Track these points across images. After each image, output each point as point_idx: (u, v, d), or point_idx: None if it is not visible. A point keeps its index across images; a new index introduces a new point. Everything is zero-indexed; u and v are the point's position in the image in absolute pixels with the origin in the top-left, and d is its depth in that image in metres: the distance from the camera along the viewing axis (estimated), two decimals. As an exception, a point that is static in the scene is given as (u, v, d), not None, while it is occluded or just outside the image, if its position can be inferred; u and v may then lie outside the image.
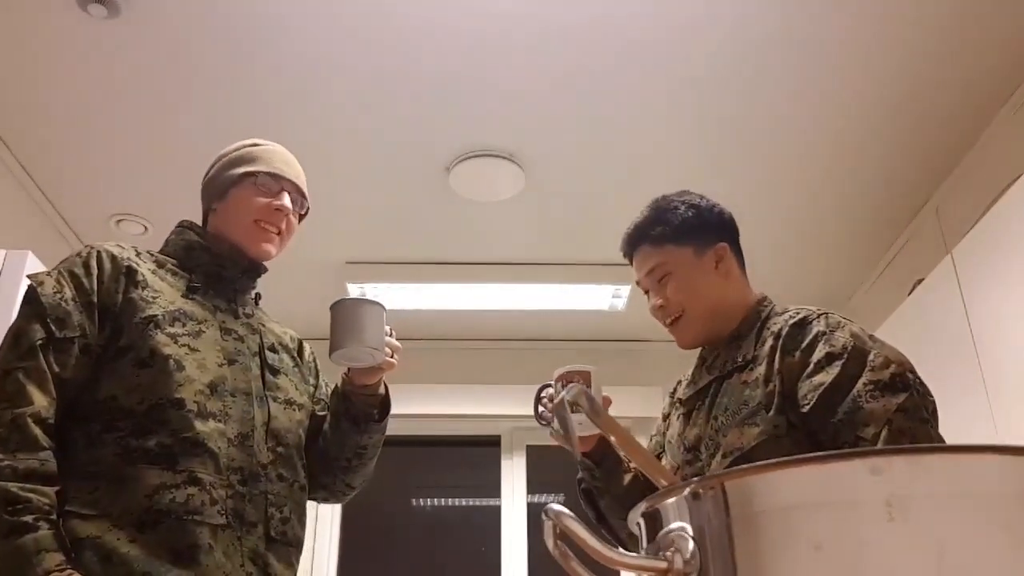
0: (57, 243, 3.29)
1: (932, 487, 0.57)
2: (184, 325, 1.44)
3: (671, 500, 0.64)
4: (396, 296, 3.83)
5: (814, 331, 1.37)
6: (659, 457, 1.60)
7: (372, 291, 3.75)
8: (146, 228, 3.34)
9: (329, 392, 1.67)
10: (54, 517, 1.24)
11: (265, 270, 1.64)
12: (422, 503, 4.39)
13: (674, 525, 0.63)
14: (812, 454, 0.63)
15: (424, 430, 4.12)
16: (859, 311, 3.83)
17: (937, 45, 2.53)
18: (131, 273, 1.45)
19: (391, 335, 1.54)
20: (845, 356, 1.31)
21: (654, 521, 0.66)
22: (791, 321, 1.42)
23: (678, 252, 1.57)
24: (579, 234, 3.37)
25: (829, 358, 1.32)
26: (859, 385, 1.28)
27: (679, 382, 1.68)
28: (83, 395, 1.36)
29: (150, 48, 2.53)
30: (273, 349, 1.57)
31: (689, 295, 1.54)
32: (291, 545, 1.46)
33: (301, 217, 1.67)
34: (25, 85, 2.66)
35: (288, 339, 1.66)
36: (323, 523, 3.90)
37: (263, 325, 1.60)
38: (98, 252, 1.46)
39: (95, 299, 1.40)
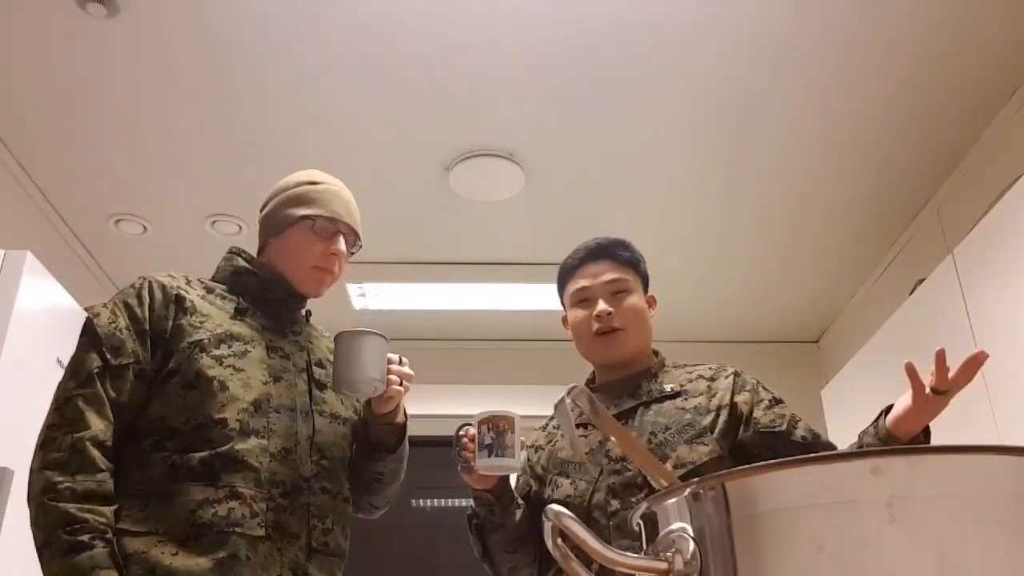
0: (56, 243, 3.29)
1: (933, 487, 0.57)
2: (230, 347, 1.50)
3: (672, 501, 0.64)
4: (396, 296, 3.83)
5: (750, 380, 1.67)
6: (528, 491, 1.70)
7: (372, 291, 3.75)
8: (145, 228, 3.34)
9: None
10: (109, 535, 1.31)
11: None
12: (422, 503, 4.39)
13: (675, 526, 0.63)
14: (813, 455, 0.62)
15: (424, 430, 4.10)
16: (860, 310, 3.83)
17: (939, 45, 2.53)
18: (180, 301, 1.52)
19: (400, 363, 1.57)
20: (781, 399, 1.65)
21: (654, 522, 0.66)
22: (725, 371, 1.68)
23: (635, 280, 1.75)
24: (579, 234, 3.35)
25: (774, 401, 1.63)
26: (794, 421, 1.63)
27: (532, 447, 1.80)
28: (137, 417, 1.44)
29: (149, 47, 2.53)
30: (321, 364, 1.61)
31: (635, 318, 1.70)
32: (334, 555, 1.50)
33: (352, 254, 1.73)
34: (24, 84, 2.66)
35: None
36: (323, 523, 3.89)
37: (311, 342, 1.65)
38: (150, 283, 1.53)
39: (147, 327, 1.48)
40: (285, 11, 2.42)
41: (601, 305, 1.69)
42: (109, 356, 1.43)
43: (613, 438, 0.91)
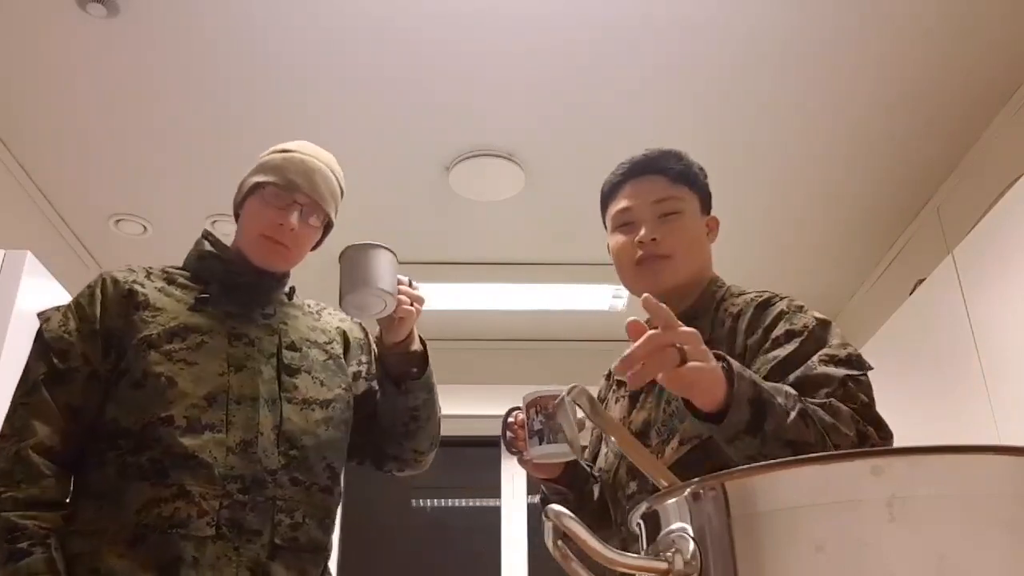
0: (56, 243, 3.29)
1: (933, 487, 0.57)
2: (184, 339, 1.45)
3: (672, 501, 0.64)
4: (396, 296, 3.82)
5: (776, 310, 1.31)
6: (597, 449, 1.53)
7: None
8: (145, 228, 3.34)
9: None
10: (50, 541, 1.30)
11: (286, 272, 1.62)
12: (422, 503, 4.39)
13: (675, 526, 0.63)
14: (813, 455, 0.63)
15: (424, 430, 4.12)
16: (860, 311, 3.83)
17: (939, 46, 2.53)
18: (132, 295, 1.48)
19: (411, 285, 1.50)
20: (804, 334, 1.25)
21: (655, 522, 0.66)
22: (754, 303, 1.34)
23: (691, 198, 1.46)
24: (579, 234, 3.37)
25: (788, 335, 1.25)
26: (813, 358, 1.21)
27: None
28: (97, 419, 1.42)
29: (150, 47, 2.53)
30: (293, 347, 1.54)
31: (686, 244, 1.42)
32: (305, 551, 1.43)
33: (327, 229, 1.64)
34: (24, 85, 2.66)
35: (323, 332, 1.62)
36: (323, 523, 3.89)
37: (286, 323, 1.57)
38: (103, 279, 1.51)
39: (98, 327, 1.45)
40: (284, 12, 2.42)
41: (643, 230, 1.42)
42: (57, 361, 1.41)
43: (613, 438, 0.90)
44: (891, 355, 2.85)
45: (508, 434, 1.43)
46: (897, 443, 1.20)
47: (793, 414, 1.07)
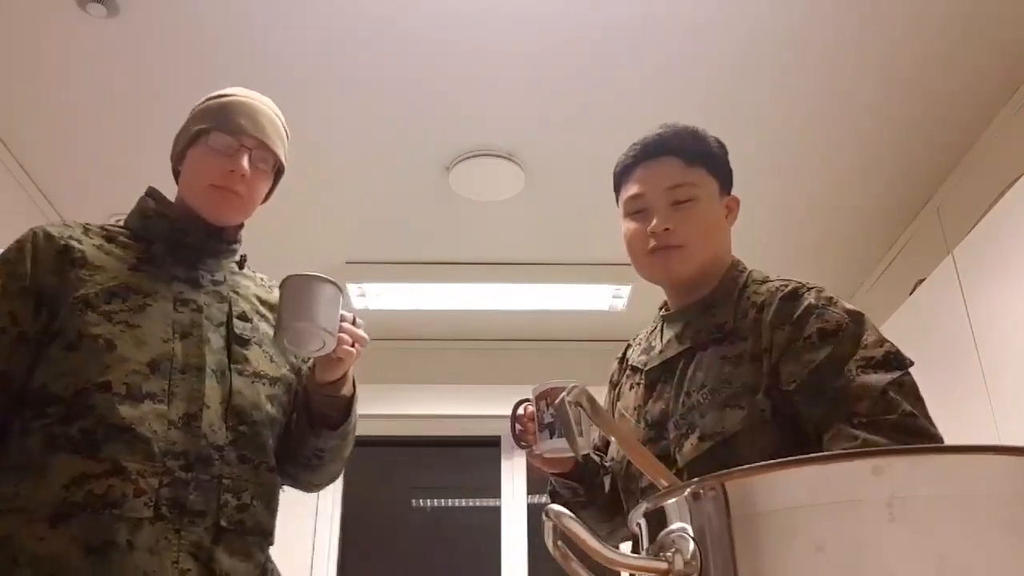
0: (57, 243, 3.29)
1: (933, 488, 0.57)
2: (124, 301, 1.33)
3: (672, 501, 0.64)
4: (396, 296, 3.83)
5: (805, 303, 1.24)
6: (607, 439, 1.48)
7: (372, 291, 3.75)
8: (146, 228, 3.34)
9: None
10: None
11: (237, 231, 1.52)
12: (422, 503, 4.39)
13: (675, 526, 0.63)
14: (813, 455, 0.62)
15: (424, 431, 4.12)
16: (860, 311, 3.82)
17: (938, 45, 2.53)
18: (67, 251, 1.36)
19: (355, 323, 1.38)
20: (839, 335, 1.19)
21: (654, 522, 0.66)
22: (780, 293, 1.28)
23: (708, 181, 1.39)
24: (579, 234, 3.37)
25: (822, 335, 1.19)
26: (850, 363, 1.16)
27: (628, 346, 1.51)
28: (24, 385, 1.29)
29: (150, 47, 2.53)
30: (244, 317, 1.43)
31: (703, 234, 1.34)
32: (251, 534, 1.32)
33: (279, 174, 1.53)
34: (24, 84, 2.66)
35: (274, 307, 1.48)
36: (323, 523, 3.90)
37: (236, 292, 1.46)
38: (35, 234, 1.38)
39: (28, 283, 1.32)
40: (284, 12, 2.42)
41: (656, 220, 1.34)
42: None
43: (613, 438, 0.90)
44: (891, 355, 2.84)
45: (517, 427, 1.35)
46: (896, 443, 1.20)
47: None
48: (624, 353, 1.52)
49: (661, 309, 1.48)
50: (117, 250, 1.42)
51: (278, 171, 1.53)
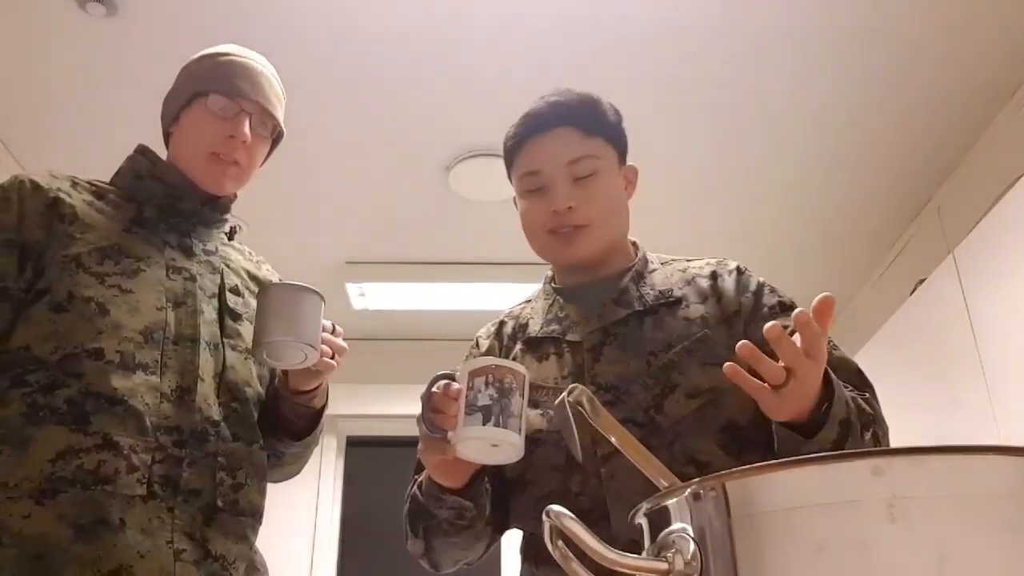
0: (57, 243, 3.29)
1: (934, 487, 0.57)
2: (117, 263, 1.25)
3: (672, 501, 0.64)
4: (396, 296, 3.83)
5: (756, 279, 1.29)
6: None
7: (372, 291, 3.74)
8: (146, 228, 3.34)
9: None
10: None
11: (231, 201, 1.44)
12: (422, 503, 4.38)
13: (675, 526, 0.63)
14: (813, 455, 0.62)
15: (424, 430, 4.11)
16: (860, 311, 3.82)
17: (939, 45, 2.53)
18: (57, 204, 1.27)
19: (334, 332, 1.32)
20: (791, 305, 1.23)
21: (655, 522, 0.66)
22: (727, 267, 1.32)
23: (607, 151, 1.30)
24: (579, 234, 3.37)
25: (782, 307, 1.22)
26: None
27: (503, 323, 1.41)
28: (2, 347, 1.19)
29: (149, 47, 2.53)
30: (237, 291, 1.37)
31: (606, 210, 1.27)
32: (244, 515, 1.26)
33: (275, 142, 1.46)
34: (24, 84, 2.66)
35: (261, 284, 1.43)
36: (323, 522, 3.89)
37: (228, 264, 1.40)
38: (20, 182, 1.29)
39: (13, 236, 1.23)
40: (285, 12, 2.42)
41: (558, 199, 1.27)
42: None
43: (613, 439, 0.90)
44: (892, 355, 2.85)
45: (427, 407, 1.04)
46: (897, 443, 1.20)
47: (867, 436, 1.06)
48: (500, 329, 1.41)
49: (549, 283, 1.42)
50: (108, 208, 1.33)
51: (276, 136, 1.47)
